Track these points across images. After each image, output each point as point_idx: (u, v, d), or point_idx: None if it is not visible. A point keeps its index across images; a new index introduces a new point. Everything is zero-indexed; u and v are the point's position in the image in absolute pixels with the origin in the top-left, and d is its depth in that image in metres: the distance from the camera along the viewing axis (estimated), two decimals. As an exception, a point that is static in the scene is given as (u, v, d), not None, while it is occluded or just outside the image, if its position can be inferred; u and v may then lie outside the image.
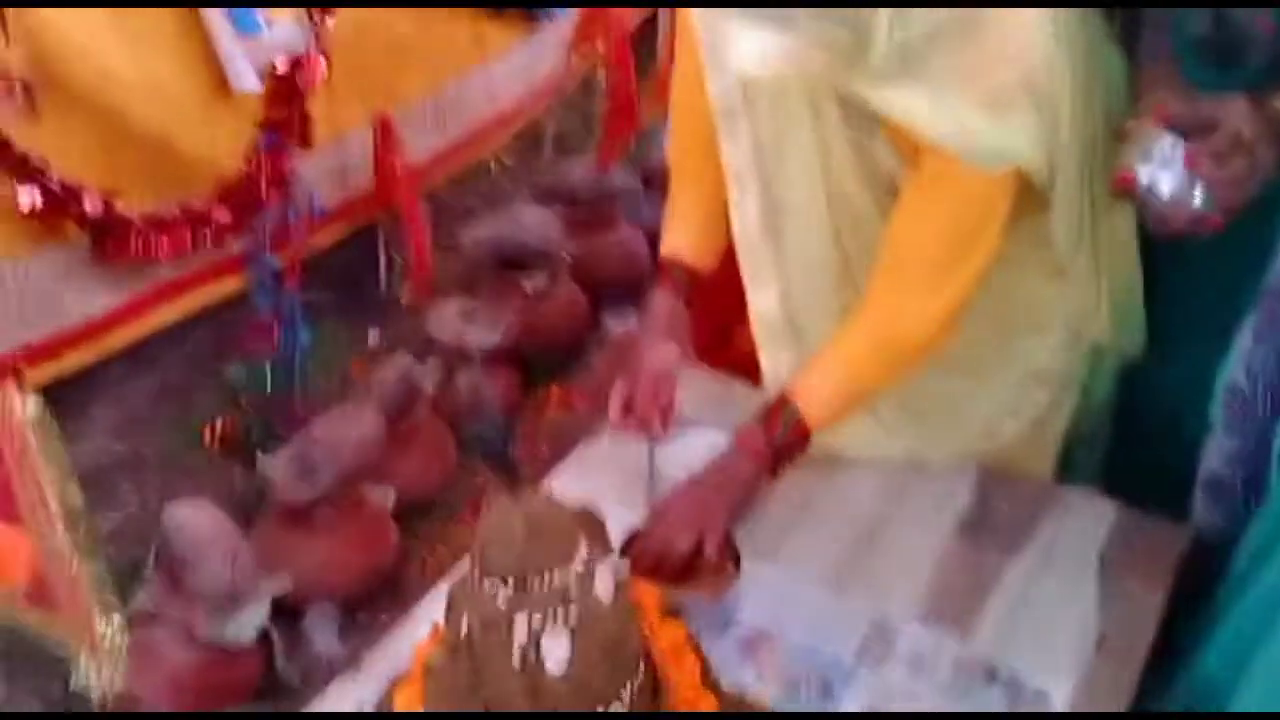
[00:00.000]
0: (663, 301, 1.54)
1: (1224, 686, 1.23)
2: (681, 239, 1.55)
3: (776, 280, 1.48)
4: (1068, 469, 1.65)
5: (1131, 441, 1.62)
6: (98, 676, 1.77)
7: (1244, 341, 1.33)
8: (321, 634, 2.11)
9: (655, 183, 2.95)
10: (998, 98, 1.20)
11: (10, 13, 1.74)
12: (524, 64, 3.17)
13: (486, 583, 1.06)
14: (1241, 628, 1.26)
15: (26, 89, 1.78)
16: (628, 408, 1.48)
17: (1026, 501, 1.52)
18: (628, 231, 3.03)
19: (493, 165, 3.63)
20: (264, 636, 1.99)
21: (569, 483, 1.55)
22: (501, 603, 1.05)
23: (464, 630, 1.06)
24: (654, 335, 1.52)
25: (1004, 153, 1.23)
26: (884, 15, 1.13)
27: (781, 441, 1.40)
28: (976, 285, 1.33)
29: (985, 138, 1.21)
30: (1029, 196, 1.32)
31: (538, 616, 1.04)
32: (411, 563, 2.32)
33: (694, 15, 1.39)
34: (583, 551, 1.09)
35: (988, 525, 1.50)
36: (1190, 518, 1.51)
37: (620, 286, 2.92)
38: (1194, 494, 1.49)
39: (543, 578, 1.06)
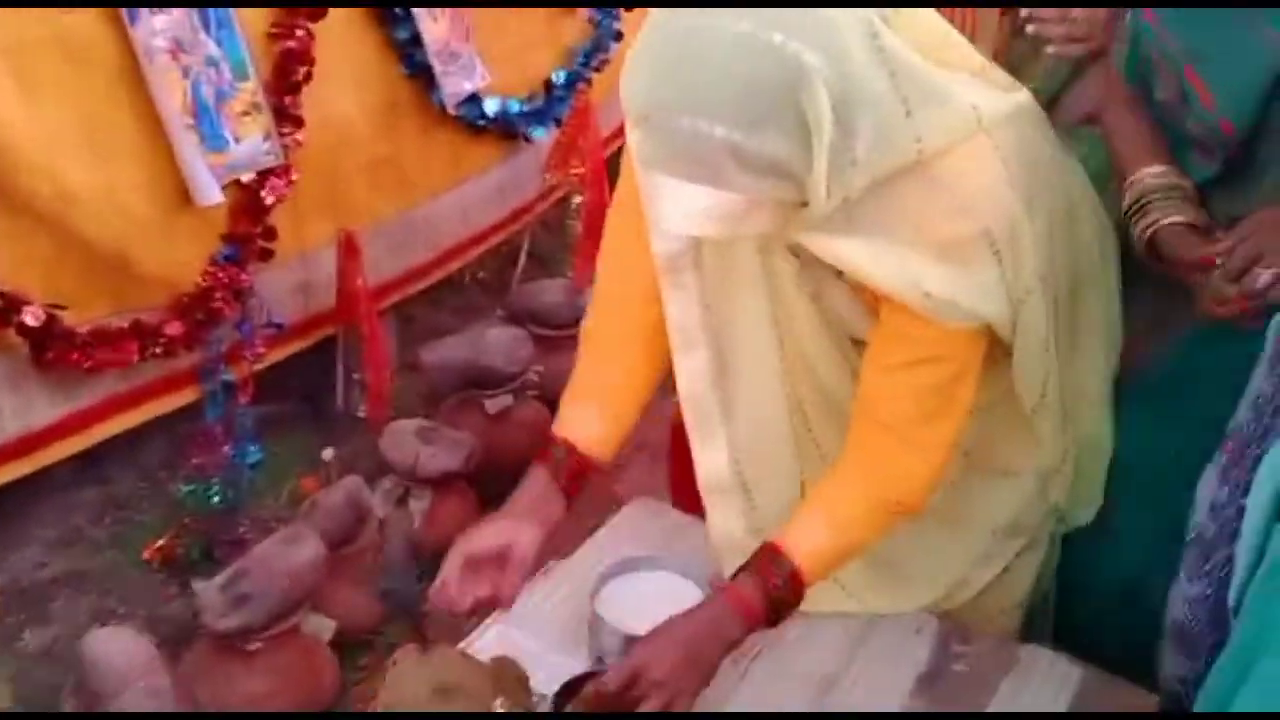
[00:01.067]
0: (535, 482, 1.42)
1: None
2: (580, 422, 1.43)
3: (726, 439, 1.41)
4: (1026, 625, 1.58)
5: (1085, 599, 1.56)
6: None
7: (1207, 486, 1.30)
8: (247, 775, 1.99)
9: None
10: (955, 249, 1.16)
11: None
12: (500, 185, 3.18)
13: (392, 744, 0.98)
14: None
15: (-28, 196, 1.74)
16: (445, 584, 1.32)
17: (987, 660, 1.45)
18: (598, 353, 2.99)
19: (466, 279, 3.62)
20: (184, 777, 1.88)
21: (505, 630, 1.46)
22: (406, 768, 0.97)
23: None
24: (508, 514, 1.39)
25: (965, 307, 1.19)
26: (821, 171, 1.07)
27: (776, 594, 1.29)
28: (959, 437, 1.30)
29: (945, 290, 1.17)
30: (998, 342, 1.29)
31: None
32: (347, 697, 2.21)
33: (635, 169, 1.30)
34: (499, 708, 1.01)
35: (946, 684, 1.42)
36: (1156, 669, 1.44)
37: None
38: (1160, 646, 1.43)
39: (452, 740, 0.98)
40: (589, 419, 1.42)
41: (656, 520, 1.58)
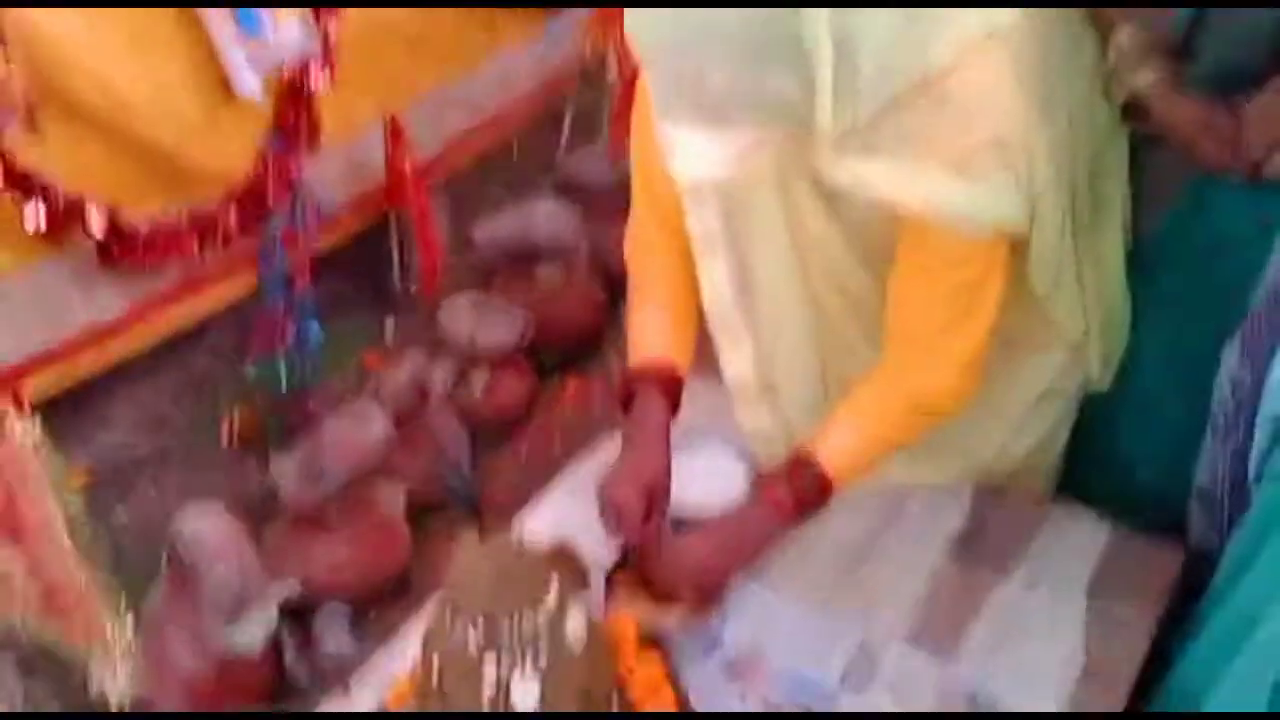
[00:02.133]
0: (649, 410, 1.44)
1: (1197, 697, 1.24)
2: (657, 336, 1.48)
3: (750, 342, 1.44)
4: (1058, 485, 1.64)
5: (1109, 464, 1.61)
6: (112, 681, 1.82)
7: (1228, 363, 1.33)
8: (332, 634, 2.14)
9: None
10: (967, 162, 1.16)
11: (9, 31, 1.75)
12: (538, 53, 3.15)
13: (457, 624, 1.07)
14: (1218, 639, 1.27)
15: (28, 106, 1.79)
16: (618, 521, 1.38)
17: (1019, 521, 1.51)
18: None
19: (515, 151, 3.62)
20: (275, 638, 2.03)
21: (548, 517, 1.54)
22: (471, 646, 1.06)
23: (435, 674, 1.07)
24: (643, 446, 1.42)
25: (981, 217, 1.19)
26: (825, 104, 1.07)
27: (805, 496, 1.35)
28: (988, 337, 1.31)
29: (959, 204, 1.17)
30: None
31: (507, 661, 1.05)
32: (423, 562, 2.35)
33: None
34: (554, 592, 1.09)
35: (979, 545, 1.49)
36: (1186, 531, 1.50)
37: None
38: (1189, 507, 1.49)
39: (512, 619, 1.06)
40: (654, 331, 1.48)
41: (707, 396, 1.62)
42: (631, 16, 1.10)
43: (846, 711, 1.30)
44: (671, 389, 1.46)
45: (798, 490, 1.34)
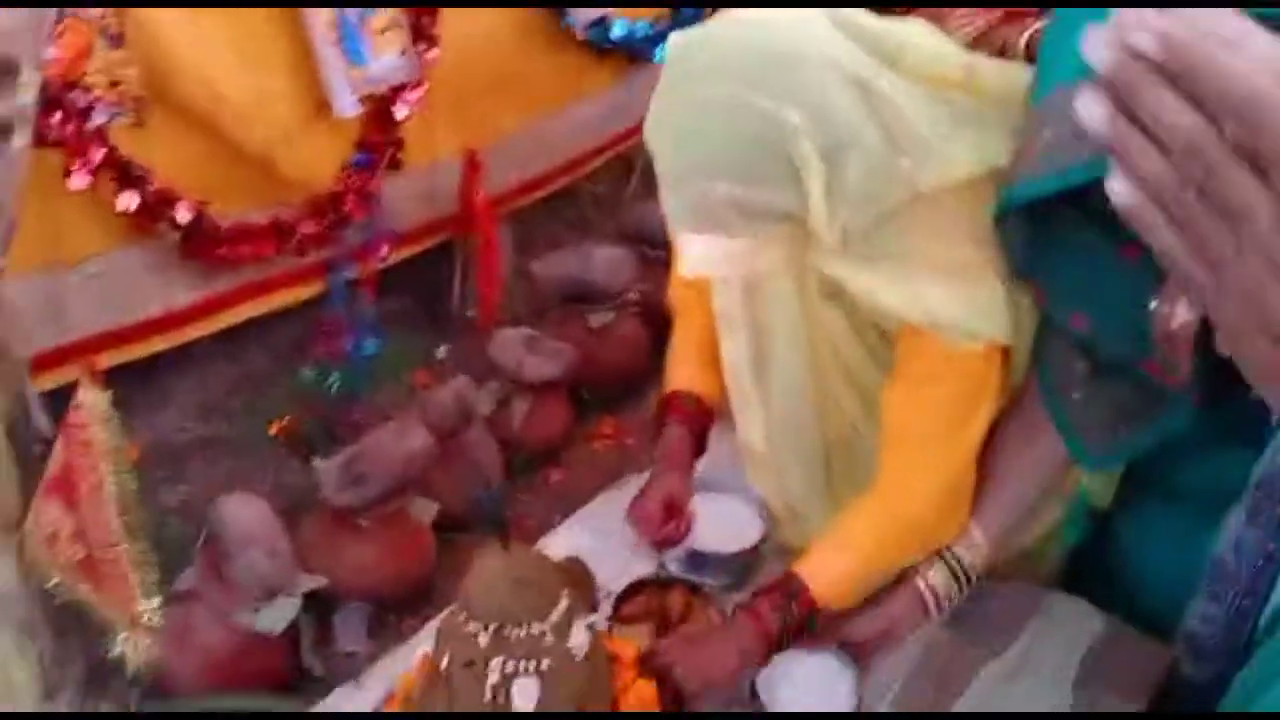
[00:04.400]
0: (672, 437, 1.53)
1: None
2: (689, 377, 1.57)
3: (761, 415, 1.50)
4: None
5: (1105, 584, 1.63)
6: (134, 650, 1.90)
7: (1235, 522, 1.34)
8: (349, 631, 2.23)
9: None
10: (963, 274, 1.23)
11: (130, 30, 1.89)
12: (620, 103, 3.27)
13: (471, 624, 1.14)
14: None
15: (138, 101, 1.92)
16: (644, 527, 1.49)
17: (1017, 603, 1.55)
18: (698, 276, 3.11)
19: (583, 193, 3.74)
20: (295, 627, 2.12)
21: (567, 541, 1.61)
22: (481, 644, 1.13)
23: (445, 664, 1.15)
24: (665, 467, 1.52)
25: (979, 327, 1.25)
26: (819, 211, 1.16)
27: (788, 618, 1.37)
28: (974, 453, 1.35)
29: (957, 314, 1.23)
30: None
31: (512, 662, 1.12)
32: (446, 576, 2.43)
33: None
34: (563, 604, 1.16)
35: (976, 622, 1.53)
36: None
37: (685, 329, 3.00)
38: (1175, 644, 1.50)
39: (521, 627, 1.13)
40: (694, 373, 1.57)
41: (730, 443, 1.69)
42: (651, 142, 1.21)
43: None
44: (698, 417, 1.55)
45: (780, 611, 1.36)
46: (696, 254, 1.26)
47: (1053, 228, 1.21)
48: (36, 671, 2.19)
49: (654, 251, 3.05)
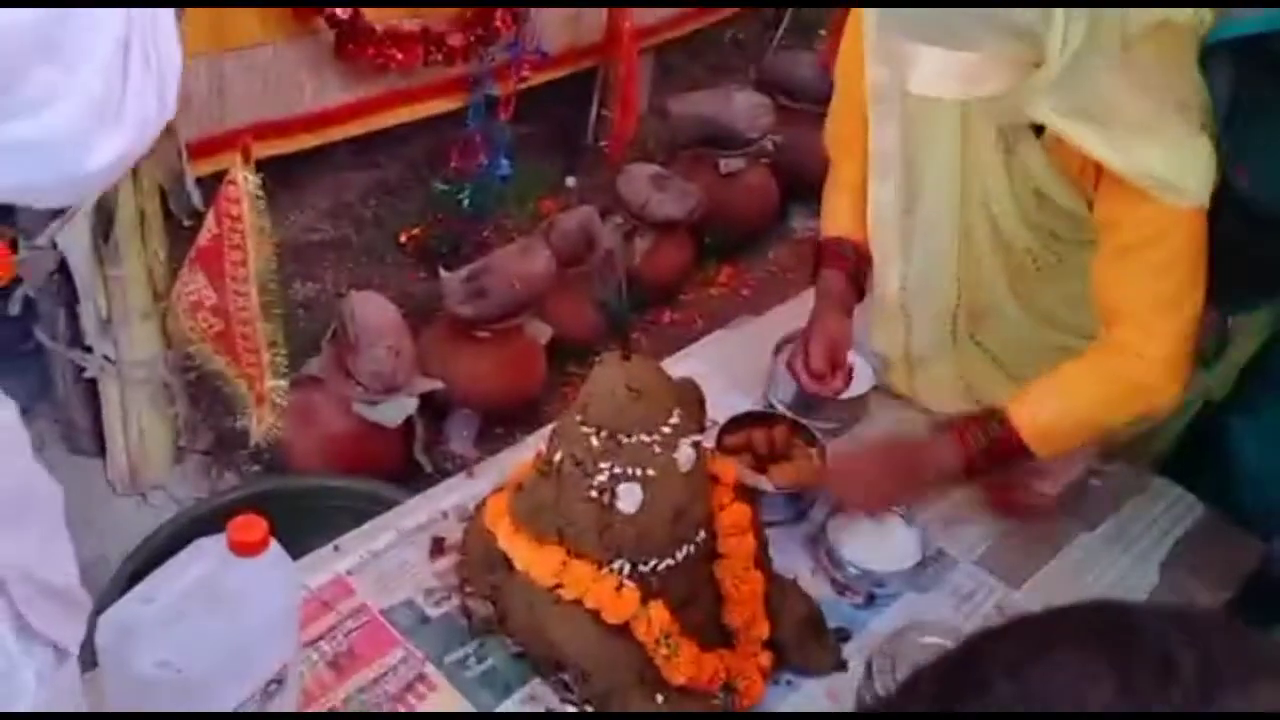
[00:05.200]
0: (832, 281, 1.55)
1: None
2: (841, 214, 1.58)
3: (899, 268, 1.51)
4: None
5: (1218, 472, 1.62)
6: (258, 422, 2.03)
7: None
8: (459, 435, 2.34)
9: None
10: (1170, 131, 1.21)
11: None
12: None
13: (585, 427, 1.19)
14: None
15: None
16: (808, 373, 1.50)
17: (1120, 483, 1.56)
18: (837, 133, 3.06)
19: (727, 37, 3.68)
20: (410, 424, 2.23)
21: (697, 356, 1.66)
22: (593, 445, 1.18)
23: (557, 459, 1.20)
24: (827, 311, 1.53)
25: (1185, 185, 1.22)
26: (1058, 28, 1.14)
27: (989, 444, 1.38)
28: (1198, 315, 1.32)
29: (1157, 167, 1.21)
30: None
31: (620, 466, 1.17)
32: (553, 395, 2.51)
33: (866, 21, 1.38)
34: (674, 419, 1.21)
35: (1074, 494, 1.55)
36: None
37: (816, 184, 2.96)
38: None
39: (632, 435, 1.18)
40: (844, 210, 1.58)
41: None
42: None
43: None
44: (856, 262, 1.56)
45: (985, 433, 1.37)
46: (927, 70, 1.23)
47: (1241, 76, 1.21)
48: (170, 435, 2.36)
49: (793, 104, 3.02)
